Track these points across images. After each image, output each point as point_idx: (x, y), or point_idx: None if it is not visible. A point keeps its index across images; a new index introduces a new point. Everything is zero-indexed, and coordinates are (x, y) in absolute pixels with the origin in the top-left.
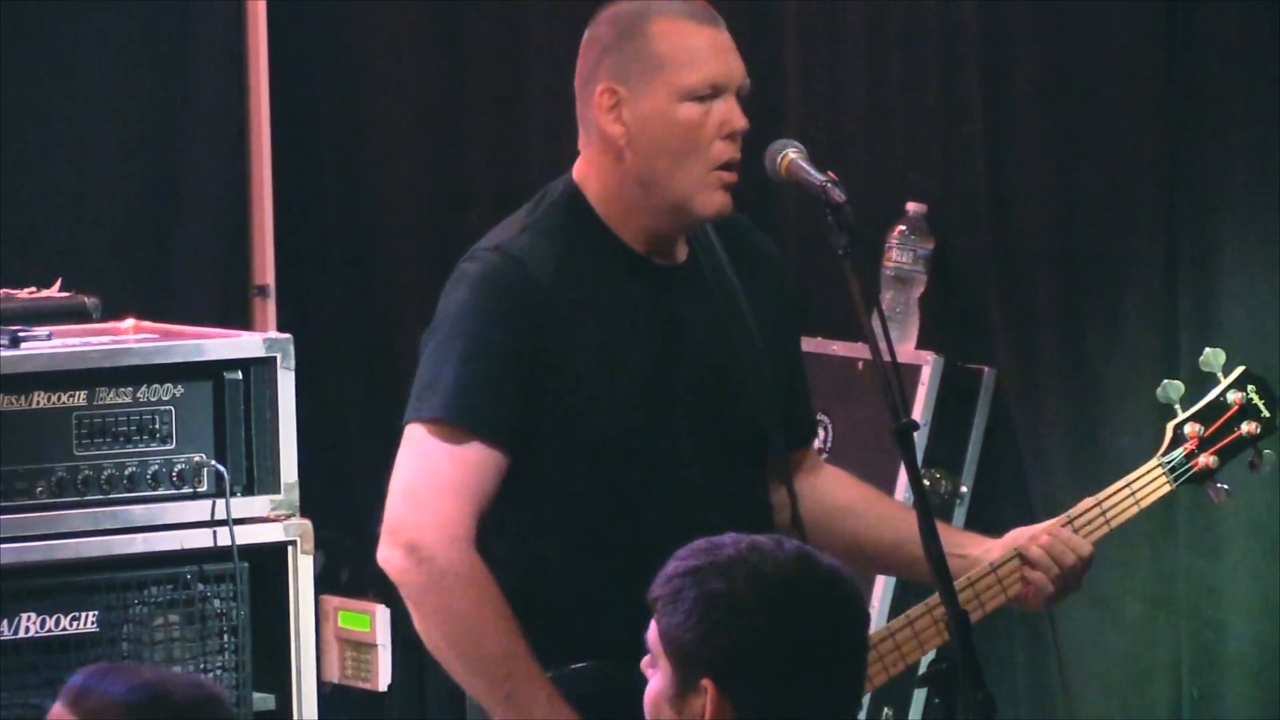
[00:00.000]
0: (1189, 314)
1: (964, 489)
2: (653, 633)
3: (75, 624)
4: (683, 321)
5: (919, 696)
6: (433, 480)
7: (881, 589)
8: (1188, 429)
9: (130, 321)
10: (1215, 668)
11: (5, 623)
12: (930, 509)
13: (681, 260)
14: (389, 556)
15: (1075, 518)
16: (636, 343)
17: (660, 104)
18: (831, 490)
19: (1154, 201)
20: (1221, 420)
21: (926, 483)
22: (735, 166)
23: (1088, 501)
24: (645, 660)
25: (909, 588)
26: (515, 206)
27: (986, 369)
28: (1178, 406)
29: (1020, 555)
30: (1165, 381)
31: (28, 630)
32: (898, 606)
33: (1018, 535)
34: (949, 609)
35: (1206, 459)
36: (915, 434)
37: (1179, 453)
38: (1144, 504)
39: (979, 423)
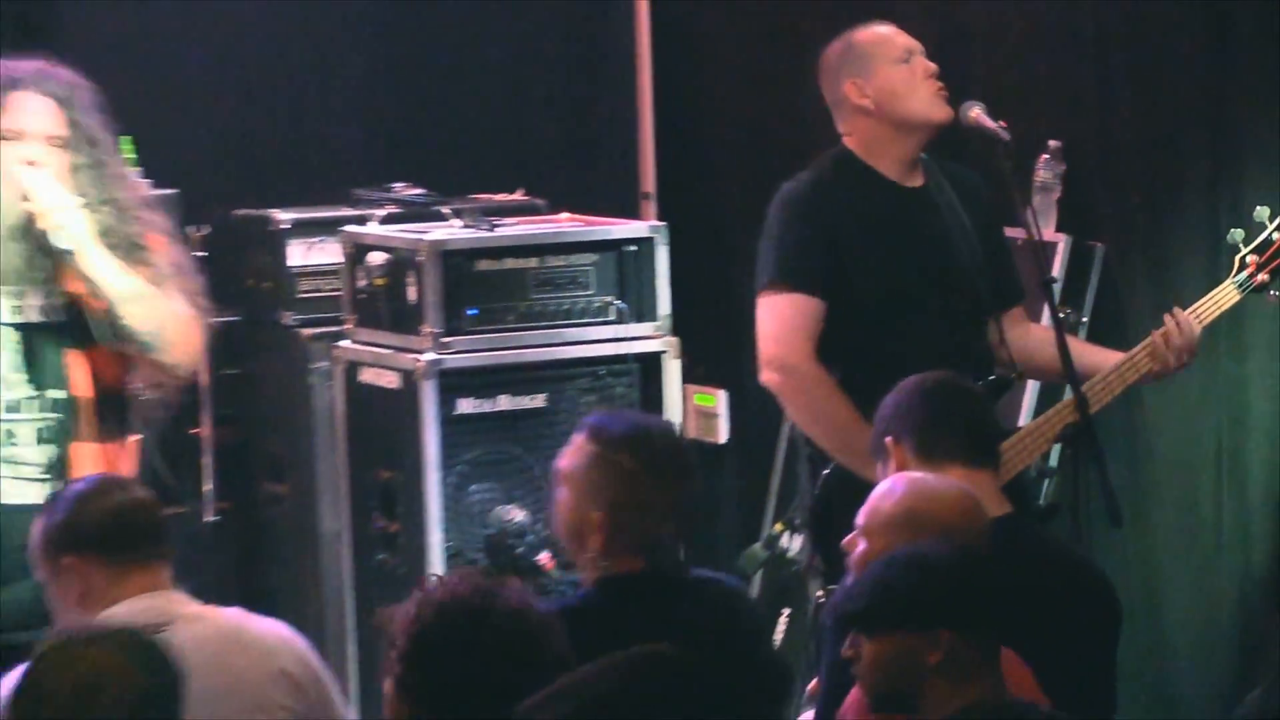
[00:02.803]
0: (1226, 196)
1: (1084, 319)
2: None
3: (532, 401)
4: (922, 221)
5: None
6: (781, 325)
7: (1031, 391)
8: (1249, 258)
9: (565, 214)
10: (1243, 441)
11: (488, 400)
12: (1064, 329)
13: (920, 184)
14: (769, 378)
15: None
16: (891, 234)
17: (887, 71)
18: (1028, 336)
19: (1197, 138)
20: (1271, 250)
21: (1062, 314)
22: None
23: (1186, 311)
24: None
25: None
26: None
27: (1099, 244)
28: (1241, 245)
29: (1151, 345)
30: (1232, 230)
31: (501, 405)
32: (1043, 401)
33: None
34: (1074, 393)
35: (1262, 276)
36: (1055, 285)
37: (1244, 274)
38: (1223, 308)
39: (1094, 278)
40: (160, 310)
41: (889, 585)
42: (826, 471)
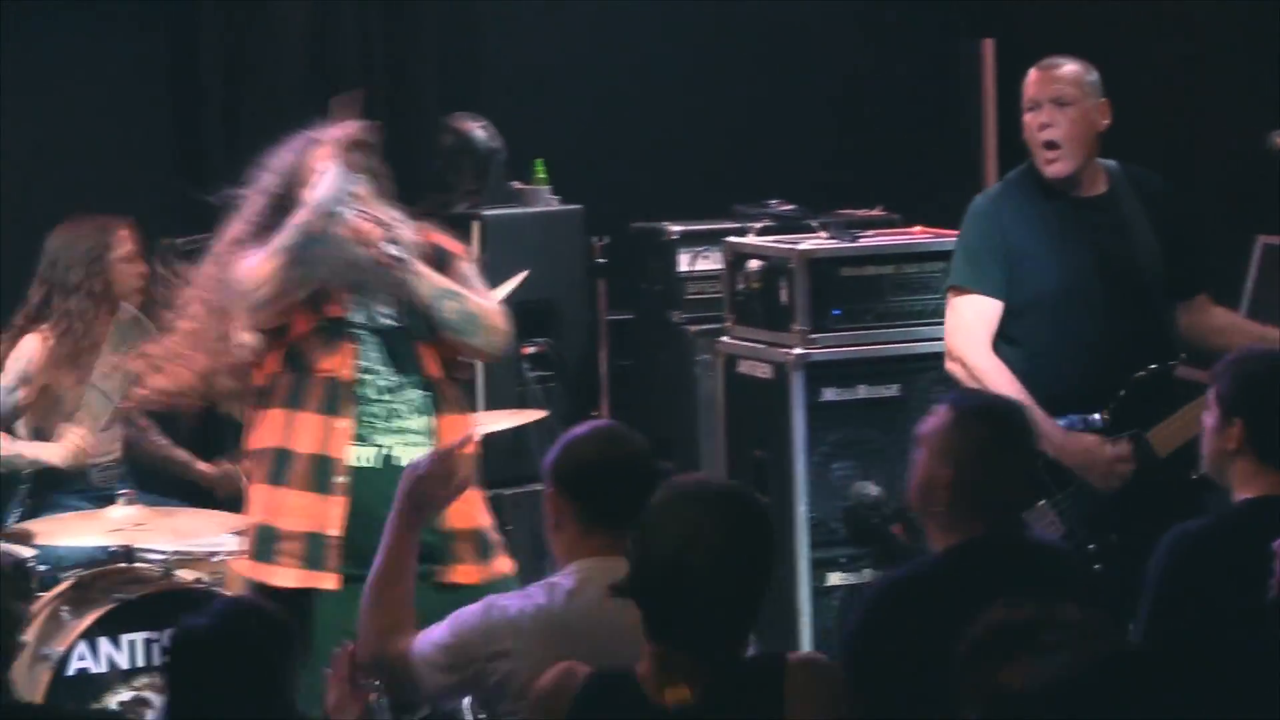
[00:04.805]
0: None
1: None
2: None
3: (887, 390)
4: (1092, 225)
5: None
6: (965, 323)
7: None
8: None
9: (918, 227)
10: None
11: (848, 390)
12: None
13: (1100, 192)
14: (950, 367)
15: None
16: (1063, 238)
17: (1024, 113)
18: (1210, 319)
19: None
20: None
21: None
22: (1052, 143)
23: None
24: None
25: None
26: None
27: None
28: None
29: None
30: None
31: (860, 393)
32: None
33: None
34: None
35: None
36: None
37: None
38: None
39: None
40: (468, 304)
41: None
42: None
